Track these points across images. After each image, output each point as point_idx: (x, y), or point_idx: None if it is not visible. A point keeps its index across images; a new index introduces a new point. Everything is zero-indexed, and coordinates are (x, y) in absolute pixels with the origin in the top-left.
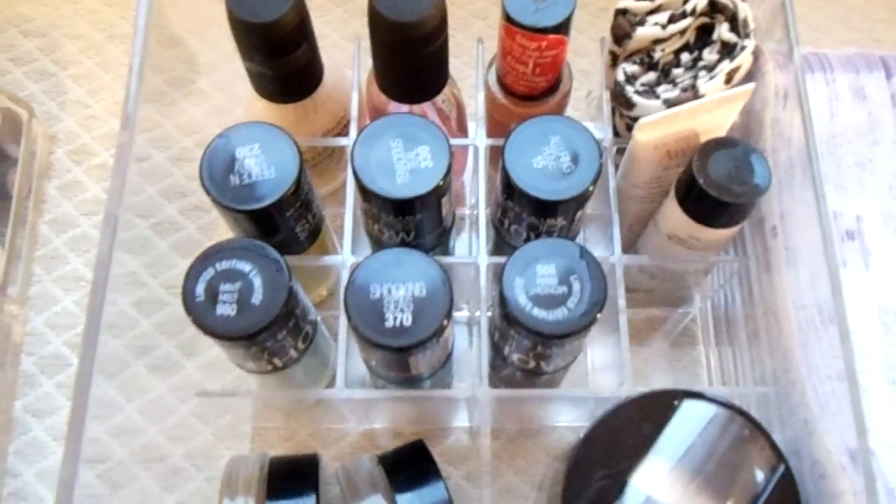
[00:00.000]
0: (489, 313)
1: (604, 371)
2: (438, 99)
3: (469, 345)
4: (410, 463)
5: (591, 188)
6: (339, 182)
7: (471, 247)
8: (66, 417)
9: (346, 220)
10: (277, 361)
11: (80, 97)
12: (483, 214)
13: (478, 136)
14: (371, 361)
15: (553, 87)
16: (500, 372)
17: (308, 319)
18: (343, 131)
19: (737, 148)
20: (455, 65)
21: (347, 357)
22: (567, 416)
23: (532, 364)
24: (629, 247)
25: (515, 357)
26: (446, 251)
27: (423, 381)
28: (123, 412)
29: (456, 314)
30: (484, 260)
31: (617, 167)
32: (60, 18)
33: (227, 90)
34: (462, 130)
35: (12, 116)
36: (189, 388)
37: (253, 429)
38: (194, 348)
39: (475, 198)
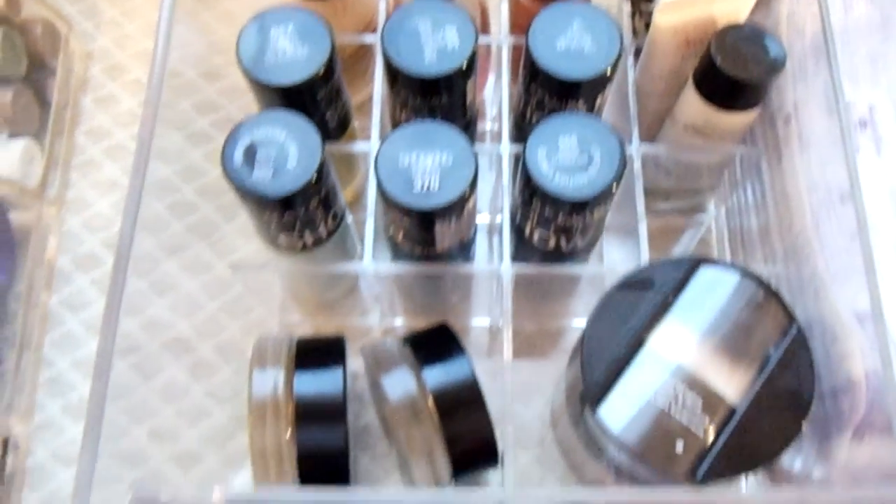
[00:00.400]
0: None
1: None
2: (463, 3)
3: (489, 252)
4: (435, 341)
5: (610, 69)
6: (364, 94)
7: (490, 158)
8: (99, 311)
9: (374, 105)
10: (308, 237)
11: (115, 18)
12: (506, 108)
13: (501, 35)
14: (398, 236)
15: None
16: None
17: (338, 201)
18: None
19: (753, 32)
20: None
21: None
22: (586, 313)
23: (553, 242)
24: None
25: (537, 236)
26: None
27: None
28: (154, 307)
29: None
30: (507, 148)
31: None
32: None
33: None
34: (486, 34)
35: (52, 30)
36: (219, 286)
37: (279, 325)
38: (224, 249)
39: (496, 108)
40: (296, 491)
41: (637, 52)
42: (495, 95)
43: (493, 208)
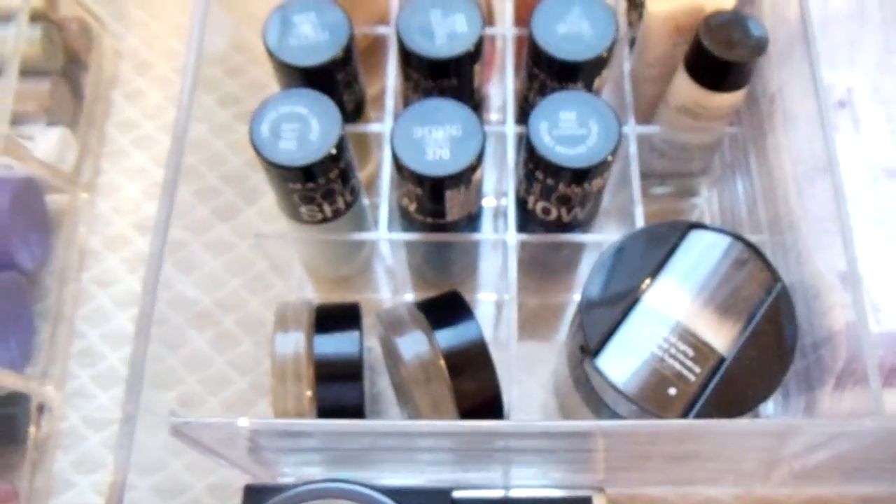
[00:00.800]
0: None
1: None
2: None
3: (494, 233)
4: (446, 306)
5: (606, 52)
6: (378, 87)
7: (495, 143)
8: (126, 288)
9: (387, 91)
10: (327, 209)
11: (142, 19)
12: (510, 93)
13: (506, 27)
14: (411, 207)
15: None
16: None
17: (355, 175)
18: None
19: (738, 16)
20: None
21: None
22: None
23: (554, 213)
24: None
25: (540, 207)
26: None
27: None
28: (181, 283)
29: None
30: (511, 128)
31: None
32: None
33: None
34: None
35: (86, 28)
36: (241, 265)
37: (297, 299)
38: (246, 231)
39: (501, 100)
40: (314, 420)
41: (632, 43)
42: (500, 88)
43: (498, 192)
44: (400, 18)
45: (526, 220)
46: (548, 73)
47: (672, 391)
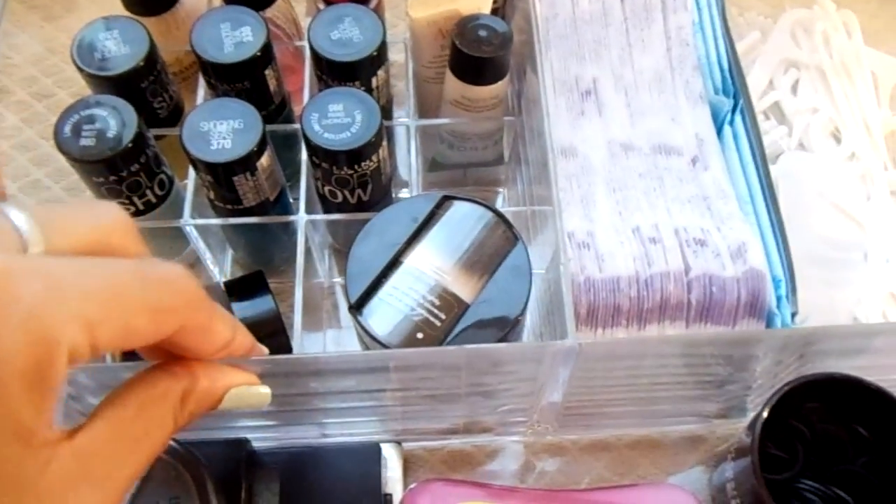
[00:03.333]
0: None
1: None
2: (276, 17)
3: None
4: (247, 284)
5: (375, 52)
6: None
7: None
8: None
9: (198, 100)
10: (137, 202)
11: (2, 52)
12: (307, 96)
13: (305, 42)
14: (210, 195)
15: None
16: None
17: (164, 170)
18: None
19: (486, 19)
20: None
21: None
22: None
23: (340, 196)
24: None
25: (327, 191)
26: None
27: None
28: None
29: None
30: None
31: None
32: None
33: None
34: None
35: None
36: None
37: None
38: None
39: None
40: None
41: None
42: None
43: None
44: (193, 32)
45: (324, 203)
46: (329, 75)
47: (420, 336)
